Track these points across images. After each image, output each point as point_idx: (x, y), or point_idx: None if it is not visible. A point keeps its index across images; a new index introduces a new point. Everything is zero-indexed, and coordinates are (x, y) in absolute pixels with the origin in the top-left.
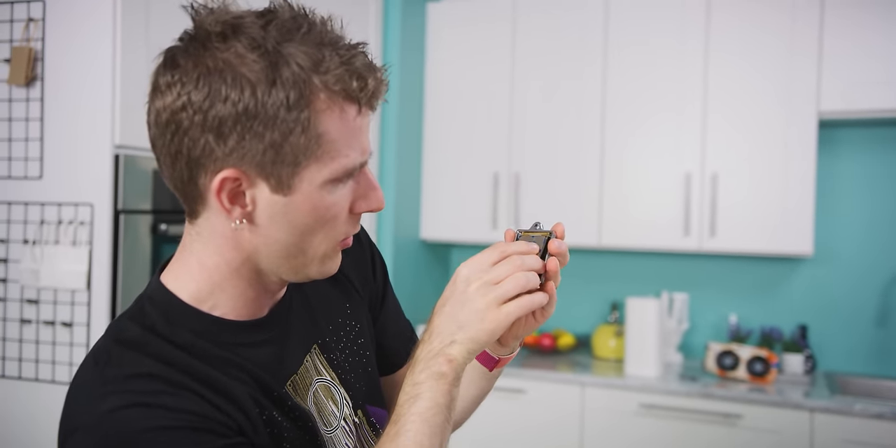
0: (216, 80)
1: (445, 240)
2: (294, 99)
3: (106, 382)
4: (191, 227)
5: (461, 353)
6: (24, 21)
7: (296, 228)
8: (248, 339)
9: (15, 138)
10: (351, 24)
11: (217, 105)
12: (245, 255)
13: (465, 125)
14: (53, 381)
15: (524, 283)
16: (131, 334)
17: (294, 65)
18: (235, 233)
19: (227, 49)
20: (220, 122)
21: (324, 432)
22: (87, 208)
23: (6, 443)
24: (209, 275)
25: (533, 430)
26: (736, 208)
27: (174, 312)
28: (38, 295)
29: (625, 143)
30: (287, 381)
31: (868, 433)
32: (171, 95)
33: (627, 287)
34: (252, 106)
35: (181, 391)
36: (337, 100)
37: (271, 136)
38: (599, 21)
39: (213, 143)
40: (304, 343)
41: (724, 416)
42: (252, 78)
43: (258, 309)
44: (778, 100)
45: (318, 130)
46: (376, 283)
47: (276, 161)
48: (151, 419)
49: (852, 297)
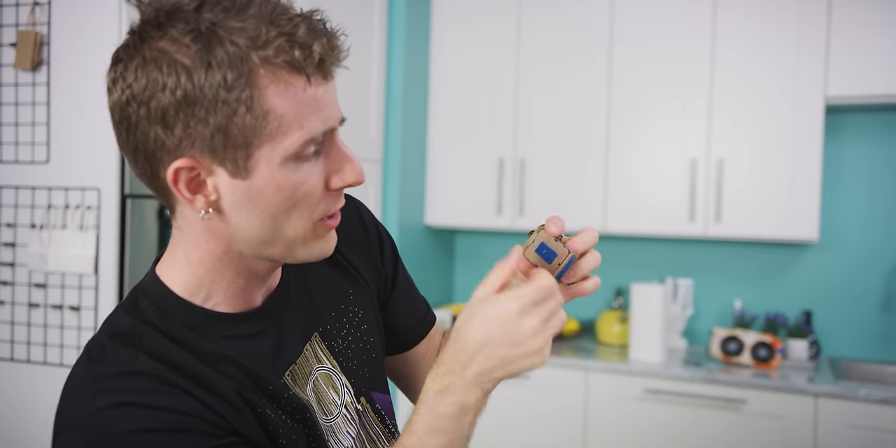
0: (152, 69)
1: (450, 225)
2: (232, 78)
3: (96, 379)
4: (173, 221)
5: (497, 383)
6: (29, 5)
7: (265, 212)
8: (243, 332)
9: (22, 123)
10: (356, 13)
11: (157, 95)
12: (224, 244)
13: (469, 112)
14: (61, 365)
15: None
16: (125, 328)
17: (229, 44)
18: (208, 223)
19: (163, 37)
20: (164, 112)
21: (323, 421)
22: (94, 193)
23: (15, 425)
24: (195, 268)
25: (537, 416)
26: (741, 194)
27: (167, 305)
28: (45, 279)
29: (630, 129)
30: (285, 371)
31: (872, 418)
32: (116, 92)
33: (632, 273)
34: (190, 91)
35: (172, 389)
36: (280, 73)
37: (215, 119)
38: (605, 14)
39: (162, 134)
40: (304, 331)
41: (729, 401)
42: (187, 63)
43: (251, 298)
44: (784, 85)
45: (265, 108)
46: (385, 265)
47: (226, 145)
48: (139, 420)
49: (857, 283)
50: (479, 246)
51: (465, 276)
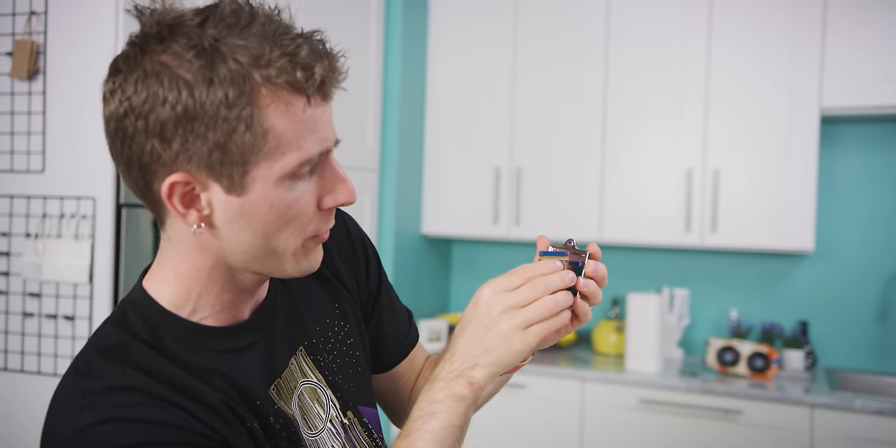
0: (153, 83)
1: (446, 235)
2: (234, 96)
3: (84, 395)
4: (162, 233)
5: (483, 376)
6: (26, 14)
7: (257, 229)
8: (229, 345)
9: (17, 132)
10: (352, 18)
11: (157, 109)
12: (213, 258)
13: (466, 120)
14: (55, 374)
15: (552, 308)
16: (112, 342)
17: (231, 61)
18: (199, 237)
19: (164, 50)
20: (162, 126)
21: (307, 436)
22: (90, 202)
23: (9, 435)
24: (183, 281)
25: (533, 425)
26: (737, 204)
27: (155, 318)
28: (40, 288)
29: (626, 138)
30: (271, 385)
31: (868, 429)
32: (114, 102)
33: (628, 282)
34: (191, 107)
35: (160, 403)
36: (281, 93)
37: (214, 136)
38: (601, 17)
39: (159, 148)
40: (290, 345)
41: (725, 411)
42: (189, 78)
43: (238, 312)
44: (780, 95)
45: (264, 126)
46: (369, 279)
47: (223, 161)
48: (128, 435)
49: (853, 294)
50: (476, 255)
51: (462, 286)
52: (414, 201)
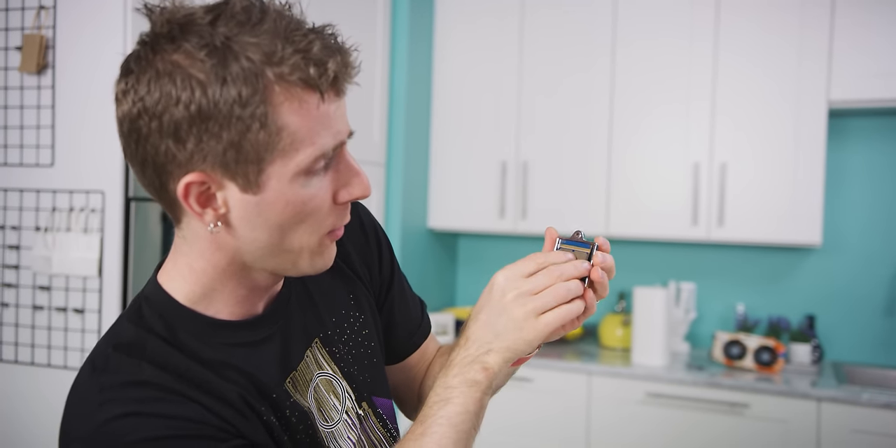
0: (166, 83)
1: (453, 229)
2: (247, 95)
3: (102, 390)
4: (178, 230)
5: (497, 361)
6: (35, 9)
7: (273, 226)
8: (245, 339)
9: (27, 126)
10: (359, 16)
11: (170, 109)
12: (229, 256)
13: (472, 116)
14: (65, 367)
15: (564, 295)
16: (128, 337)
17: (244, 59)
18: (215, 236)
19: (176, 50)
20: (176, 126)
21: (323, 427)
22: (99, 195)
23: (19, 427)
24: (198, 278)
25: (540, 419)
26: (744, 198)
27: (170, 313)
28: (50, 282)
29: (633, 134)
30: (286, 377)
31: (875, 423)
32: (127, 103)
33: (635, 276)
34: (205, 106)
35: (177, 397)
36: (294, 90)
37: (229, 135)
38: (608, 17)
39: (174, 148)
40: (305, 338)
41: (731, 405)
42: (201, 77)
43: (252, 306)
44: (787, 89)
45: (278, 124)
46: (382, 270)
47: (238, 160)
48: (146, 429)
49: (860, 287)
50: (482, 249)
51: (468, 280)
52: (420, 195)
